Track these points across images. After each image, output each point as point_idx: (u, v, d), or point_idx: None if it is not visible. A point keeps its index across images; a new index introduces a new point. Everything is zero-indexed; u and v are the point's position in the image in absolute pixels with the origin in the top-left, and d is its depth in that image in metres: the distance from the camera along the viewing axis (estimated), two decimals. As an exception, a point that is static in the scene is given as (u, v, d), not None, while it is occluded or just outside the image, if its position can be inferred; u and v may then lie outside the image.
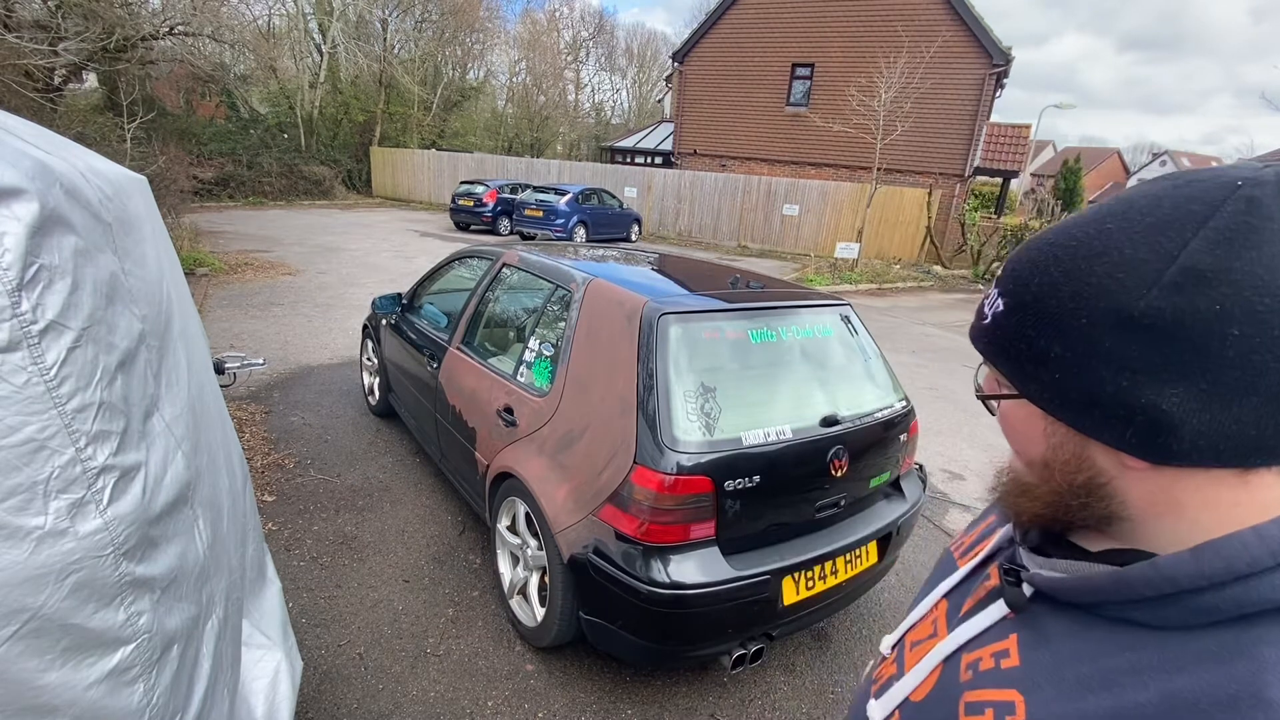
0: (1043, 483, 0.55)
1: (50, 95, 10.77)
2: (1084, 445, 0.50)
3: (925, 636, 0.69)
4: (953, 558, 0.76)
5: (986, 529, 0.75)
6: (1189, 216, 0.43)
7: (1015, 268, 0.53)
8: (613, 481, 1.97)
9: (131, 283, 0.95)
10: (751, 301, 2.35)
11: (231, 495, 1.27)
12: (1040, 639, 0.55)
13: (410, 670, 2.28)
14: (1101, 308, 0.45)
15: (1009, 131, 17.61)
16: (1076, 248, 0.48)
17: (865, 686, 0.78)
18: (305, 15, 21.80)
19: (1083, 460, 0.51)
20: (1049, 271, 0.49)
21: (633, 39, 40.82)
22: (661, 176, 17.91)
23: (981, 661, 0.58)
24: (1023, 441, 0.57)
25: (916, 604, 0.77)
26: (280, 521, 3.09)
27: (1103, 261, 0.46)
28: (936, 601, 0.72)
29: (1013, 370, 0.53)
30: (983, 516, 0.80)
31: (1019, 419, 0.56)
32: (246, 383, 4.75)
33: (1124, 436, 0.47)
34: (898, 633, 0.76)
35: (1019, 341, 0.51)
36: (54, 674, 0.77)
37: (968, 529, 0.80)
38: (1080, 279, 0.47)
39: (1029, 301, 0.50)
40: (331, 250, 10.92)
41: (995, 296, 0.55)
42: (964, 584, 0.70)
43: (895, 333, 8.38)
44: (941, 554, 0.82)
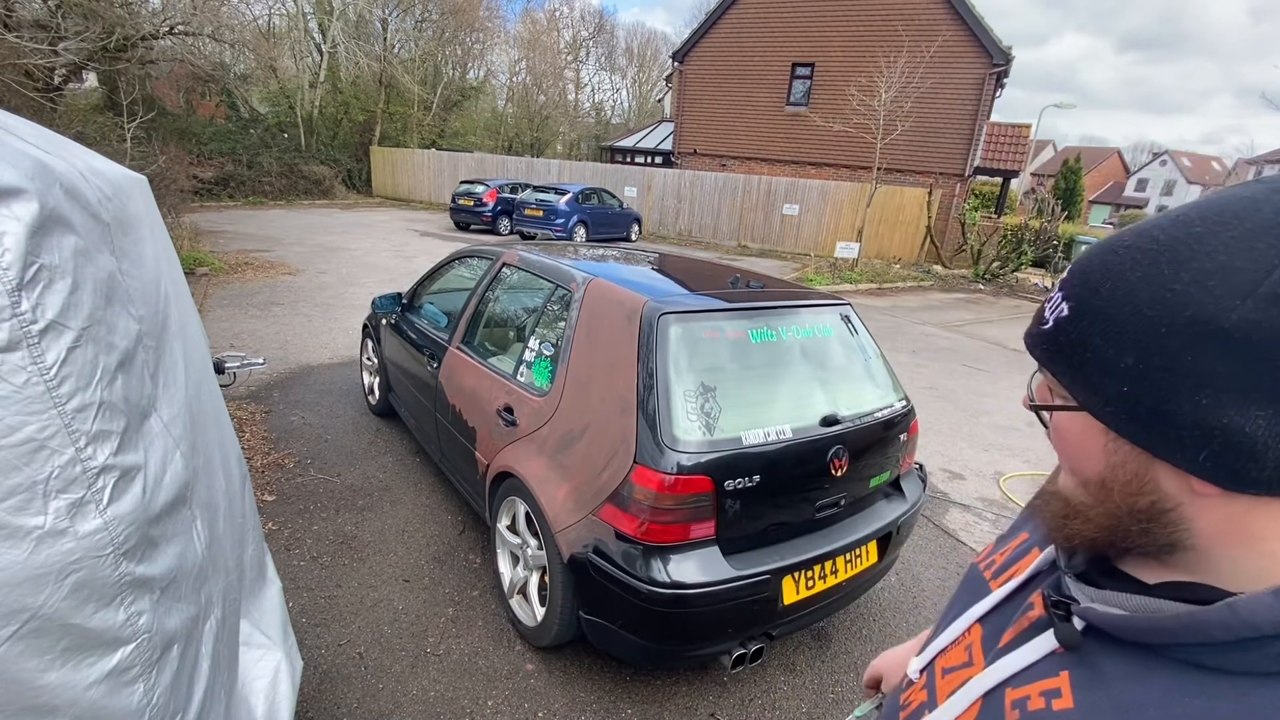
0: (1098, 504, 0.50)
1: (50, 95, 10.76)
2: (1149, 465, 0.46)
3: (959, 664, 0.66)
4: (983, 577, 0.72)
5: (1020, 548, 0.71)
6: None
7: (1085, 269, 0.49)
8: (613, 481, 1.97)
9: (129, 283, 0.95)
10: (751, 301, 2.35)
11: (228, 496, 1.27)
12: (1095, 678, 0.50)
13: (410, 670, 2.29)
14: (1185, 317, 0.41)
15: (1009, 131, 17.60)
16: (1159, 251, 0.44)
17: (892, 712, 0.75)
18: (305, 15, 21.80)
19: (1146, 482, 0.47)
20: (1125, 276, 0.45)
21: (633, 39, 40.86)
22: (661, 176, 17.91)
23: (1030, 700, 0.53)
24: (1078, 458, 0.52)
25: (944, 625, 0.73)
26: (280, 521, 3.09)
27: (1189, 267, 0.42)
28: (969, 626, 0.67)
29: (1074, 380, 0.49)
30: (1012, 533, 0.76)
31: (1076, 433, 0.51)
32: (246, 382, 4.75)
33: (1197, 459, 0.43)
34: (926, 656, 0.72)
35: (1084, 349, 0.47)
36: (54, 674, 0.77)
37: (997, 545, 0.76)
38: (1162, 285, 0.43)
39: (1100, 307, 0.46)
40: (331, 250, 10.92)
41: (1059, 300, 0.50)
42: (1000, 609, 0.65)
43: (895, 332, 8.38)
44: (967, 571, 0.79)
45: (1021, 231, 13.99)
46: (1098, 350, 0.46)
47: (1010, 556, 0.71)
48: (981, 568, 0.75)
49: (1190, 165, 53.75)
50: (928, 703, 0.67)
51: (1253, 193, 0.43)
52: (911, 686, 0.72)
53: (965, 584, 0.76)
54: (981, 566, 0.75)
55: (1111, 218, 46.86)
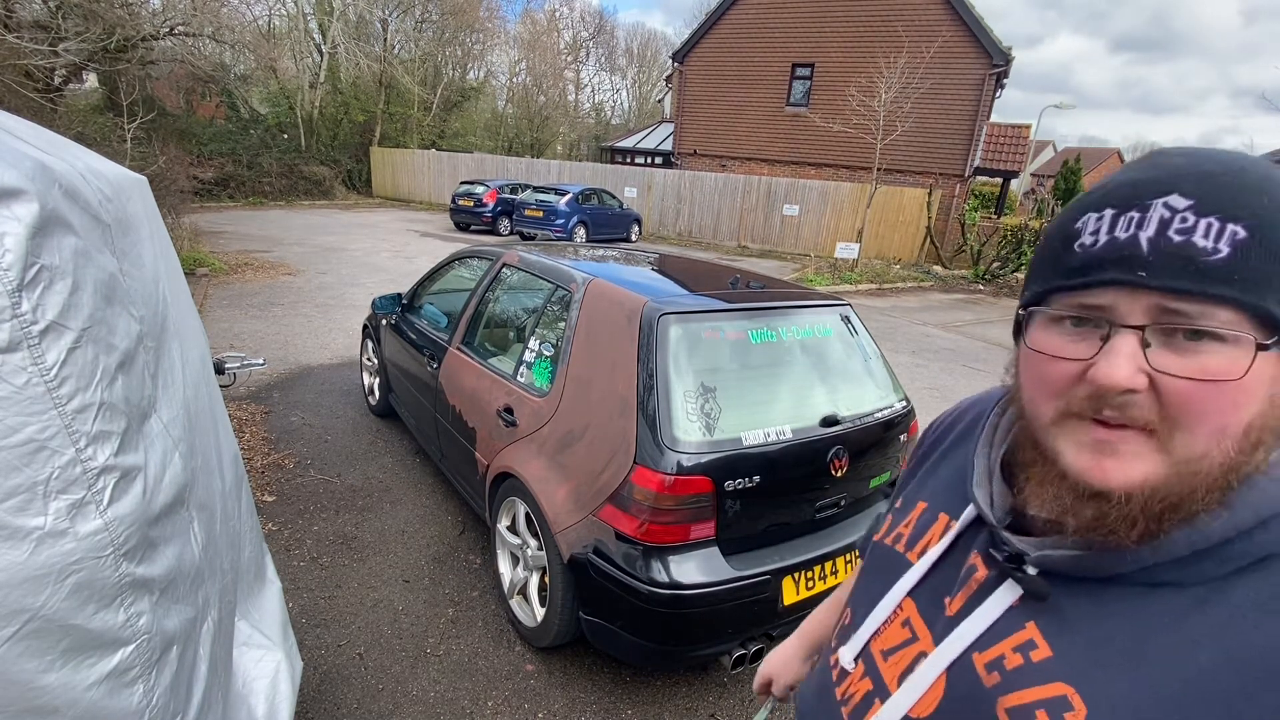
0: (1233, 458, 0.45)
1: (50, 95, 10.76)
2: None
3: (900, 643, 0.64)
4: (895, 552, 0.71)
5: (924, 517, 0.70)
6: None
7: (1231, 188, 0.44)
8: (613, 481, 1.97)
9: (130, 283, 0.95)
10: (751, 301, 2.35)
11: (224, 498, 1.27)
12: (1065, 622, 0.51)
13: (410, 670, 2.28)
14: None
15: (1009, 132, 17.61)
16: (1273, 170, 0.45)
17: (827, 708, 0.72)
18: (305, 15, 21.80)
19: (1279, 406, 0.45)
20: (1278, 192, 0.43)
21: (633, 39, 40.88)
22: (661, 177, 17.91)
23: (1006, 659, 0.53)
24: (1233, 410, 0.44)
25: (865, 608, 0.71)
26: (280, 522, 3.09)
27: None
28: (900, 602, 0.66)
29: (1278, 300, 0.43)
30: (908, 504, 0.75)
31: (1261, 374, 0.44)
32: (246, 383, 4.75)
33: None
34: (857, 644, 0.69)
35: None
36: (54, 675, 0.77)
37: (896, 518, 0.75)
38: None
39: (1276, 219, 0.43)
40: (332, 250, 10.92)
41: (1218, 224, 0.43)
42: (931, 580, 0.64)
43: (895, 333, 8.38)
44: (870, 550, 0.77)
45: (1021, 232, 13.97)
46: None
47: (917, 527, 0.70)
48: (889, 543, 0.73)
49: (1190, 166, 53.64)
50: (876, 690, 0.65)
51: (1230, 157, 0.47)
52: (848, 677, 0.70)
53: (874, 564, 0.75)
54: (889, 543, 0.73)
55: (1111, 218, 46.71)
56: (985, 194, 21.46)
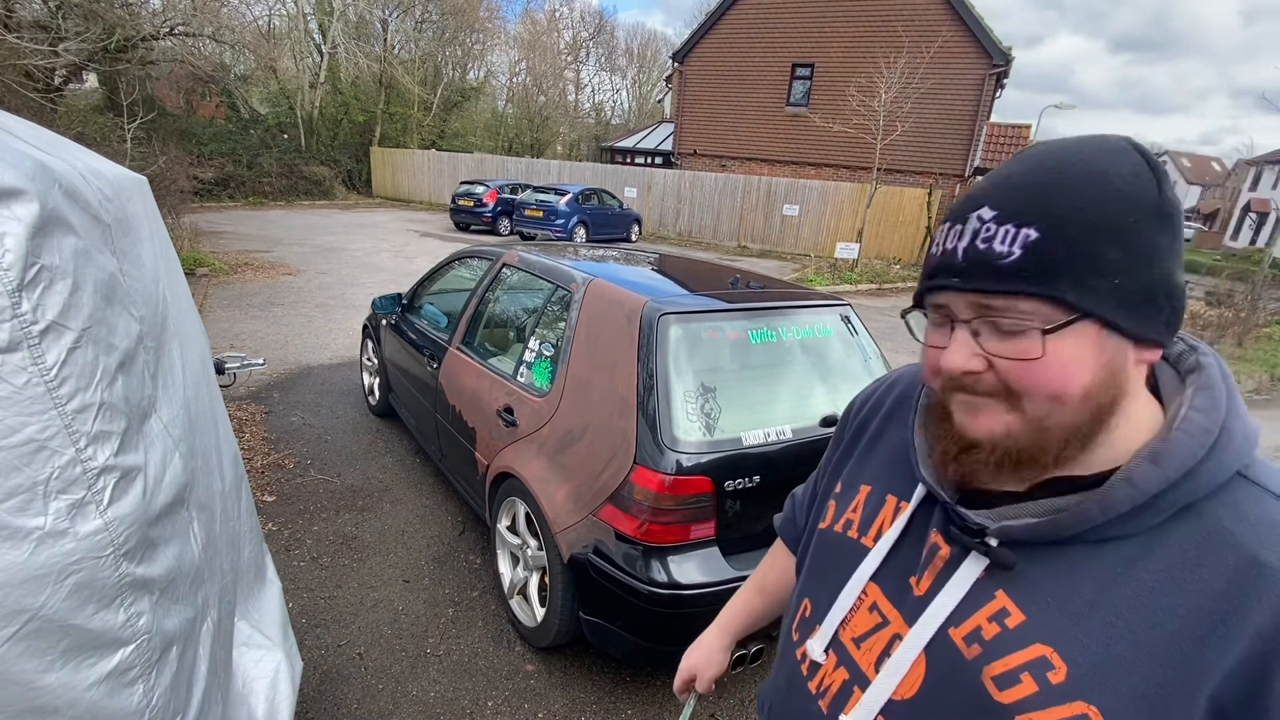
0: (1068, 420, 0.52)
1: (50, 95, 10.77)
2: (1125, 355, 0.53)
3: (871, 628, 0.65)
4: (848, 539, 0.72)
5: (870, 501, 0.72)
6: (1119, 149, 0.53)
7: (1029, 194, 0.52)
8: (613, 481, 1.97)
9: (130, 284, 0.95)
10: (751, 301, 2.35)
11: (224, 498, 1.27)
12: (1031, 586, 0.55)
13: (410, 670, 2.28)
14: (1145, 204, 0.50)
15: (1009, 132, 17.62)
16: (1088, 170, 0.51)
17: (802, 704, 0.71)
18: (305, 15, 21.79)
19: (1120, 373, 0.53)
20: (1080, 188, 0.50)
21: (633, 39, 40.90)
22: (661, 177, 17.91)
23: (983, 629, 0.56)
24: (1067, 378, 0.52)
25: (827, 597, 0.71)
26: (280, 522, 3.09)
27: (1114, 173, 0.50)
28: (863, 588, 0.67)
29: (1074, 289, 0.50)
30: (849, 489, 0.76)
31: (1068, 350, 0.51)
32: (246, 383, 4.75)
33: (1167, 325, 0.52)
34: (826, 633, 0.70)
35: (1074, 258, 0.50)
36: (54, 675, 0.77)
37: (840, 505, 0.76)
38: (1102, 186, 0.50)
39: (1066, 216, 0.50)
40: (332, 250, 10.92)
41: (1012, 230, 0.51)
42: (892, 562, 0.66)
43: (895, 333, 8.38)
44: (816, 539, 0.78)
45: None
46: (1086, 254, 0.50)
47: (866, 511, 0.72)
48: (839, 530, 0.74)
49: (1190, 166, 53.77)
50: (853, 678, 0.65)
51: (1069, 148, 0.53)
52: (820, 669, 0.70)
53: (824, 552, 0.76)
54: (838, 529, 0.74)
55: (1111, 218, 46.70)
56: (985, 194, 21.44)
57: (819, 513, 0.81)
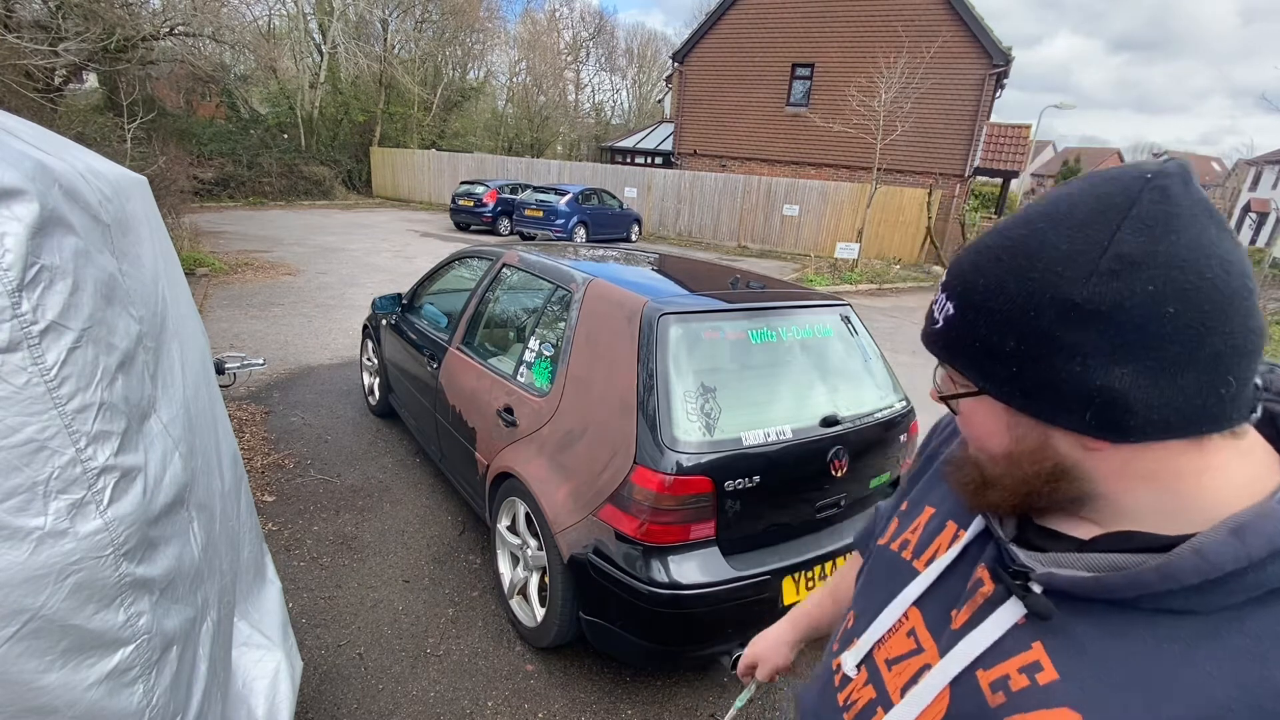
0: (1008, 474, 0.55)
1: (50, 95, 10.77)
2: (1046, 433, 0.52)
3: (905, 653, 0.64)
4: (901, 559, 0.71)
5: (931, 524, 0.70)
6: (1112, 209, 0.46)
7: (960, 271, 0.54)
8: (613, 482, 1.97)
9: (129, 284, 0.95)
10: (751, 301, 2.35)
11: (223, 498, 1.27)
12: (1072, 644, 0.51)
13: (410, 670, 2.28)
14: (1048, 299, 0.47)
15: (1009, 132, 17.61)
16: (1015, 247, 0.50)
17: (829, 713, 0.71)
18: (305, 15, 21.79)
19: (1046, 448, 0.52)
20: (993, 272, 0.51)
21: (633, 39, 40.83)
22: (661, 177, 17.91)
23: (1011, 679, 0.53)
24: (985, 437, 0.57)
25: (869, 613, 0.70)
26: (280, 522, 3.09)
27: (1042, 258, 0.48)
28: (905, 611, 0.66)
29: (971, 368, 0.54)
30: (915, 509, 0.75)
31: (981, 415, 0.56)
32: (247, 383, 4.75)
33: (1084, 419, 0.48)
34: (861, 649, 0.69)
35: (974, 340, 0.53)
36: (54, 675, 0.77)
37: (902, 523, 0.75)
38: (1024, 275, 0.49)
39: (978, 301, 0.52)
40: (331, 250, 10.92)
41: (944, 300, 0.56)
42: (938, 590, 0.64)
43: (895, 333, 8.38)
44: (873, 554, 0.77)
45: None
46: (984, 339, 0.51)
47: (925, 534, 0.71)
48: (895, 549, 0.73)
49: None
50: (878, 699, 0.65)
51: (1075, 190, 0.49)
52: (850, 683, 0.70)
53: (878, 568, 0.75)
54: (894, 548, 0.73)
55: (1111, 218, 46.74)
56: (985, 194, 21.47)
57: (884, 528, 0.80)
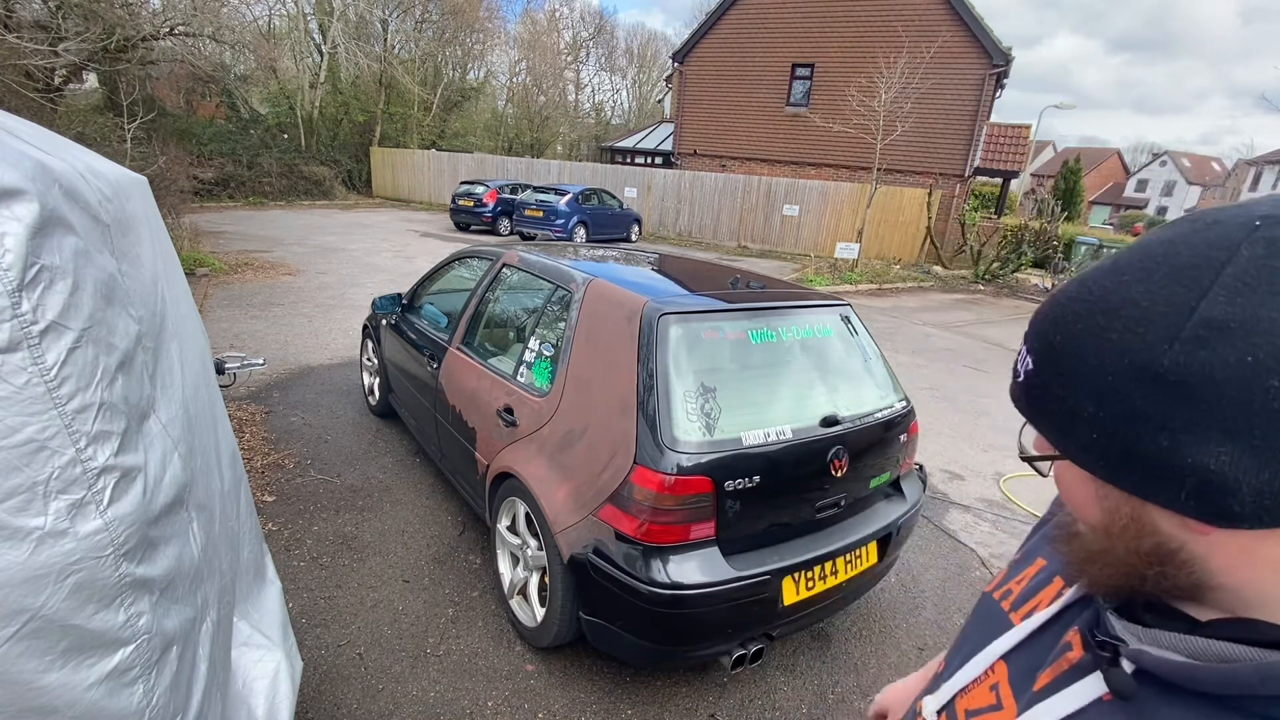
0: (1108, 550, 0.49)
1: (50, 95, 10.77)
2: (1141, 508, 0.46)
3: (985, 706, 0.61)
4: (1000, 609, 0.67)
5: (1039, 577, 0.66)
6: (1205, 263, 0.40)
7: (1039, 323, 0.50)
8: (613, 482, 1.97)
9: (128, 284, 0.95)
10: (751, 301, 2.35)
11: (223, 498, 1.27)
12: None
13: (410, 670, 2.28)
14: (1125, 365, 0.42)
15: (1009, 132, 17.61)
16: (1095, 303, 0.45)
17: None
18: (305, 15, 21.80)
19: (1143, 525, 0.46)
20: (1071, 327, 0.46)
21: (633, 39, 40.85)
22: (661, 177, 17.91)
23: None
24: (1079, 505, 0.51)
25: (960, 660, 0.68)
26: (280, 522, 3.09)
27: (1121, 316, 0.43)
28: (992, 664, 0.62)
29: (1050, 430, 0.49)
30: (1027, 559, 0.70)
31: (1070, 481, 0.51)
32: (247, 383, 4.75)
33: (1179, 498, 0.42)
34: (944, 695, 0.67)
35: (1051, 400, 0.48)
36: (54, 675, 0.77)
37: (1011, 572, 0.71)
38: (1101, 334, 0.44)
39: (1055, 359, 0.47)
40: (332, 250, 10.92)
41: (1024, 354, 0.51)
42: (1028, 646, 0.60)
43: (895, 333, 8.38)
44: (980, 601, 0.73)
45: (1021, 232, 13.99)
46: (1061, 400, 0.47)
47: (1029, 586, 0.66)
48: (997, 598, 0.69)
49: (1190, 166, 53.78)
50: None
51: (1173, 234, 0.44)
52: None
53: (979, 615, 0.71)
54: (997, 596, 0.70)
55: (1112, 218, 46.89)
56: (985, 194, 21.46)
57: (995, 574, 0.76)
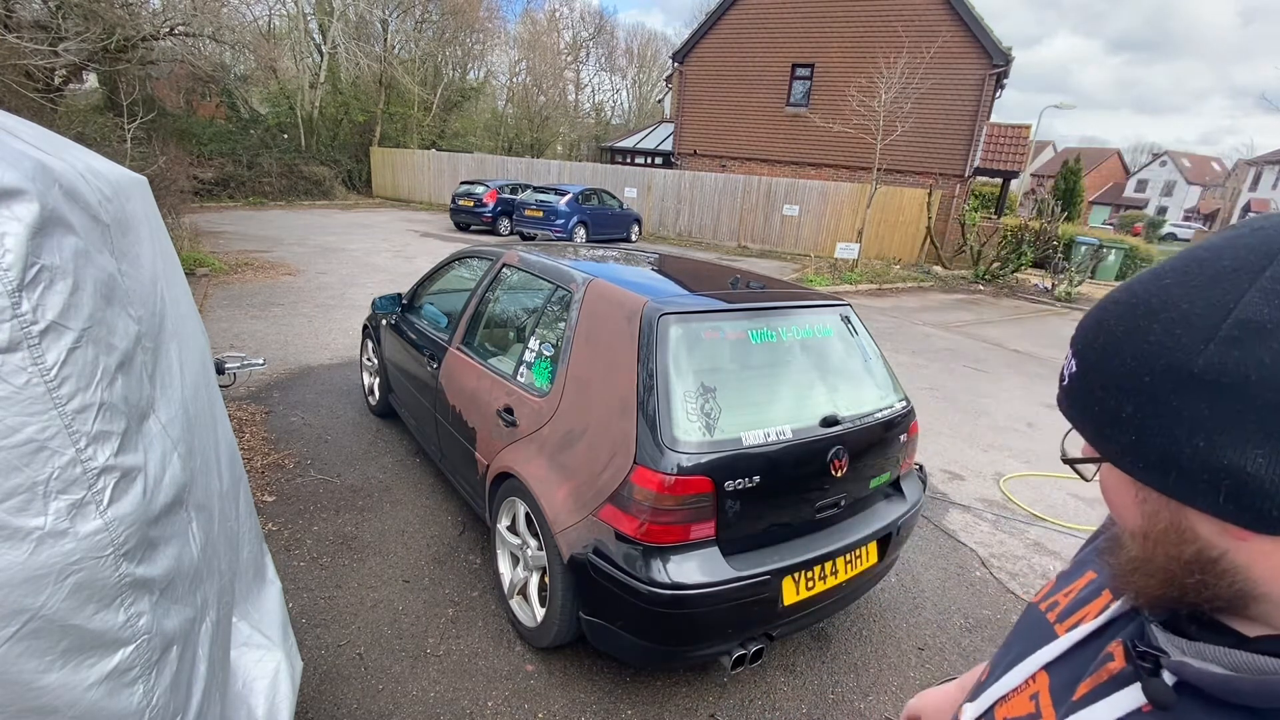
0: (1149, 558, 0.48)
1: (50, 95, 10.77)
2: (1180, 513, 0.45)
3: (1024, 715, 0.61)
4: (1045, 620, 0.67)
5: (1087, 589, 0.66)
6: (1245, 266, 0.41)
7: (1085, 326, 0.51)
8: (613, 482, 1.97)
9: (128, 284, 0.95)
10: (751, 302, 2.35)
11: (222, 498, 1.27)
12: None
13: (410, 670, 2.28)
14: (1162, 366, 0.43)
15: (1009, 132, 17.60)
16: (1135, 304, 0.46)
17: None
18: (305, 15, 21.80)
19: (1183, 531, 0.46)
20: (1112, 330, 0.47)
21: (633, 39, 40.85)
22: (661, 177, 17.91)
23: None
24: (1120, 511, 0.52)
25: (1001, 669, 0.68)
26: (280, 522, 3.09)
27: (1160, 318, 0.44)
28: (1034, 673, 0.62)
29: (1092, 432, 0.50)
30: (1076, 571, 0.70)
31: (1112, 485, 0.51)
32: (247, 383, 4.75)
33: (1217, 502, 0.42)
34: (983, 703, 0.67)
35: (1093, 403, 0.49)
36: (54, 675, 0.77)
37: (1059, 584, 0.71)
38: (1140, 336, 0.45)
39: (1096, 361, 0.48)
40: (332, 250, 10.92)
41: (1070, 358, 0.52)
42: (1071, 657, 0.60)
43: (895, 333, 8.38)
44: (1025, 611, 0.74)
45: (1021, 232, 13.99)
46: (1102, 402, 0.48)
47: (1077, 598, 0.66)
48: (1043, 609, 0.70)
49: (1190, 166, 53.78)
50: None
51: (1219, 240, 0.45)
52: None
53: (1023, 625, 0.72)
54: (1043, 607, 0.70)
55: (1111, 218, 46.87)
56: (985, 194, 21.45)
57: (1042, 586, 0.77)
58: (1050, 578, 0.75)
